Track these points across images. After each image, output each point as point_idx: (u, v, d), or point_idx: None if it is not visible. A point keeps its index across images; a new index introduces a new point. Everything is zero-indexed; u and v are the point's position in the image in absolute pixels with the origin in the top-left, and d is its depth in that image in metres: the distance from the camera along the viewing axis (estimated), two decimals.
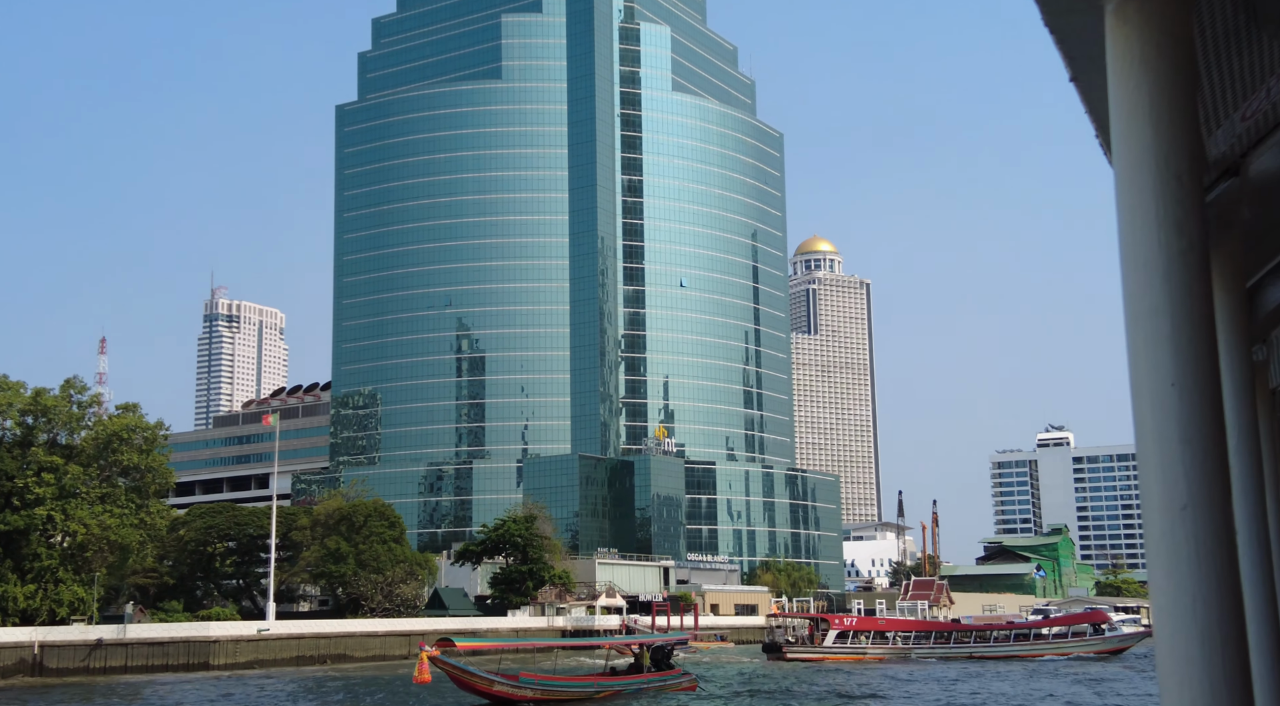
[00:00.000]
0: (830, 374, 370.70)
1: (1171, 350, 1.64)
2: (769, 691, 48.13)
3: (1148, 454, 1.66)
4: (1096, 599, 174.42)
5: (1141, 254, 1.71)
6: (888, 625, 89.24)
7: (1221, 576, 1.57)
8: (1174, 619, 1.58)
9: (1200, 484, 1.59)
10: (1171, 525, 1.60)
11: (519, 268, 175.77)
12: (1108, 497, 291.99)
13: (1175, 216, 1.68)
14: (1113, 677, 58.34)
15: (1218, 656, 1.53)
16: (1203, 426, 1.61)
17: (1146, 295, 1.70)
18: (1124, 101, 1.75)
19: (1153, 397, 1.64)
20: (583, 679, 41.84)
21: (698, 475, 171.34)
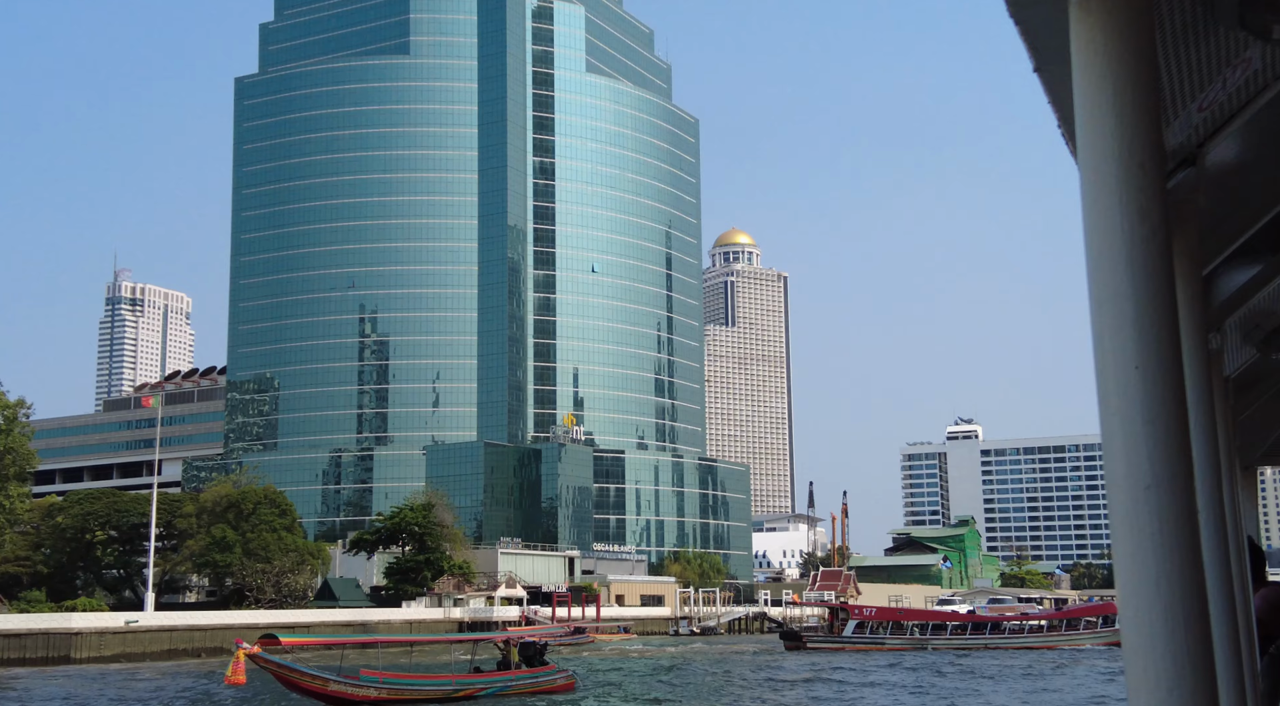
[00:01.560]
0: (747, 366, 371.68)
1: (1135, 333, 1.68)
2: (666, 689, 45.72)
3: (1112, 434, 1.70)
4: (1001, 590, 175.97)
5: (1105, 240, 1.74)
6: (906, 615, 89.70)
7: (1184, 554, 1.60)
8: (1138, 596, 1.61)
9: (1163, 464, 1.63)
10: (1135, 504, 1.64)
11: (425, 249, 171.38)
12: (1014, 490, 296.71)
13: (1139, 203, 1.72)
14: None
15: (1181, 632, 1.57)
16: (1166, 408, 1.64)
17: (1110, 280, 1.73)
18: (1088, 91, 1.79)
19: (1117, 380, 1.69)
20: (438, 676, 38.30)
21: (607, 464, 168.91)
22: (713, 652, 78.16)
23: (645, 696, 42.55)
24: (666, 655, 75.01)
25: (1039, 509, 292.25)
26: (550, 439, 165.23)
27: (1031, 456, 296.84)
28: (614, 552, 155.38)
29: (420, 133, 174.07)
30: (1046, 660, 67.91)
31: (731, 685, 46.11)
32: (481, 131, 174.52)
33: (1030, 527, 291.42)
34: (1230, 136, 2.89)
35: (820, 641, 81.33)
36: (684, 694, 42.66)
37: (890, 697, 41.93)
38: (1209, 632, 1.60)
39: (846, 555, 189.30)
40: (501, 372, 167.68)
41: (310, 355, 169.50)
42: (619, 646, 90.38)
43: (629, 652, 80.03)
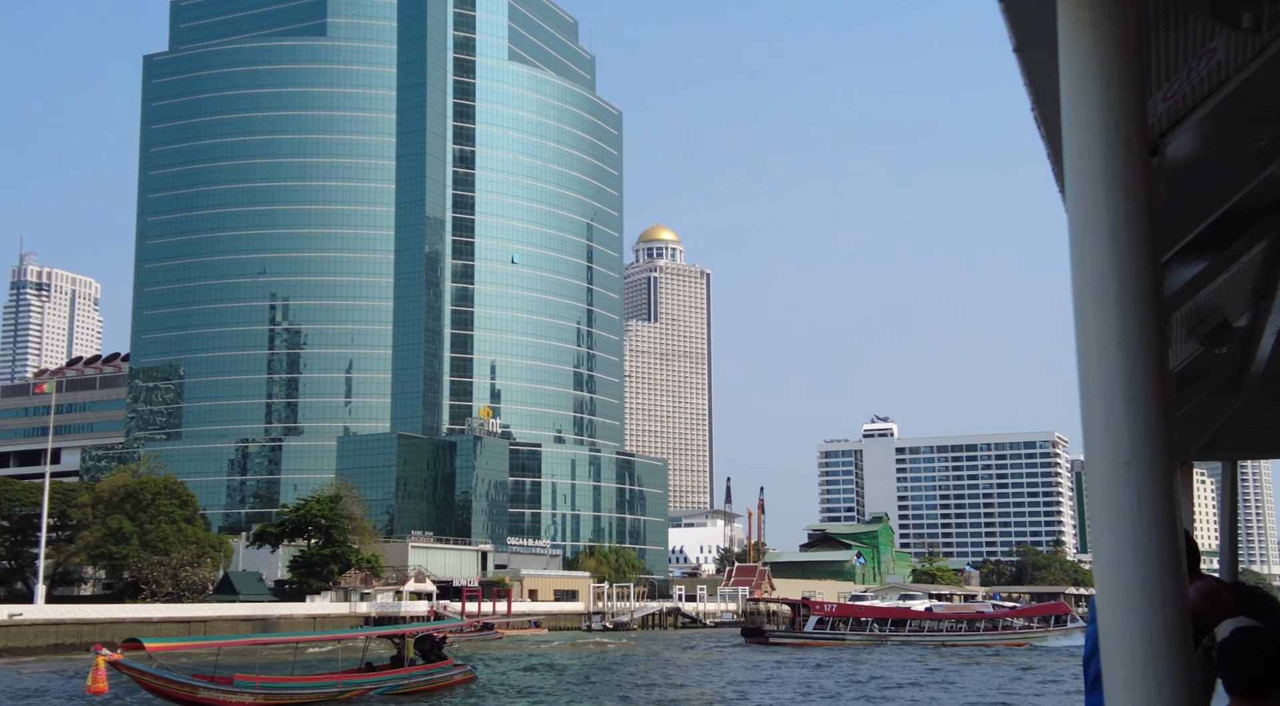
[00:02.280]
0: (668, 362, 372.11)
1: (1118, 310, 1.69)
2: (575, 682, 44.58)
3: (1093, 411, 1.71)
4: (912, 586, 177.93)
5: (1090, 216, 1.76)
6: (865, 612, 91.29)
7: (1162, 529, 1.63)
8: (1116, 570, 1.63)
9: (1143, 440, 1.64)
10: (1115, 480, 1.65)
11: (340, 237, 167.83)
12: (927, 487, 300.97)
13: (1124, 180, 1.73)
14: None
15: (1158, 604, 1.59)
16: (1146, 384, 1.66)
17: (1095, 257, 1.75)
18: (1075, 67, 1.79)
19: (1099, 356, 1.70)
20: (321, 677, 36.13)
21: (523, 458, 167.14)
22: (654, 649, 77.03)
23: (547, 690, 41.50)
24: (615, 649, 73.77)
25: (951, 506, 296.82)
26: (466, 431, 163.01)
27: (944, 455, 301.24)
28: (529, 547, 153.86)
29: (336, 117, 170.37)
30: (1018, 656, 69.13)
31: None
32: (400, 117, 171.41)
33: (942, 525, 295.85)
34: (1190, 128, 2.85)
35: (782, 637, 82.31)
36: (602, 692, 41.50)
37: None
38: (1185, 607, 1.62)
39: (762, 551, 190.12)
40: (417, 363, 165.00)
41: (218, 342, 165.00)
42: (532, 642, 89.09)
43: (553, 646, 78.68)
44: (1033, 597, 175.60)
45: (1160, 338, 1.72)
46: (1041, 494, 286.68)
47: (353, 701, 34.95)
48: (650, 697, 39.37)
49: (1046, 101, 2.32)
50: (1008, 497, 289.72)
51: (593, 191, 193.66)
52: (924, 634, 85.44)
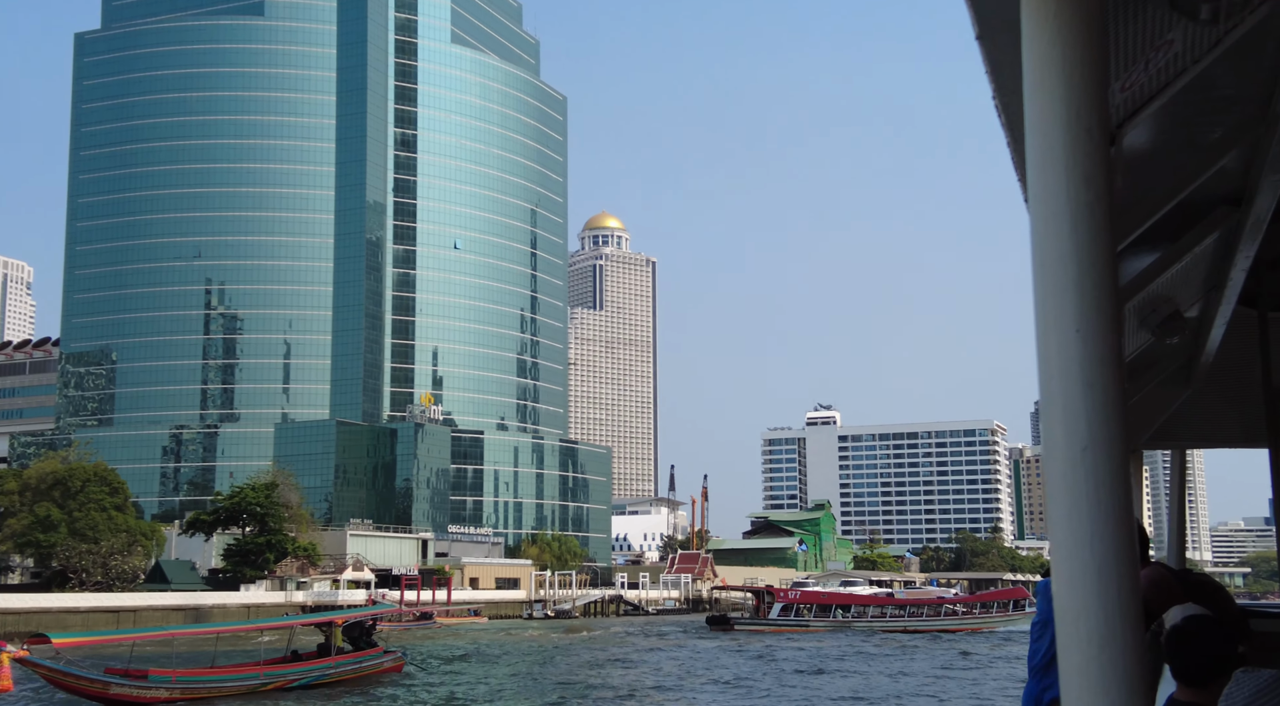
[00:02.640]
0: (614, 350, 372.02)
1: (1076, 297, 1.71)
2: (515, 672, 43.94)
3: (1052, 397, 1.72)
4: (853, 573, 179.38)
5: (1051, 204, 1.76)
6: (829, 598, 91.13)
7: (1118, 514, 1.65)
8: (1072, 555, 1.65)
9: (1100, 425, 1.66)
10: (1073, 465, 1.67)
11: (278, 220, 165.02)
12: (869, 475, 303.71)
13: (1084, 168, 1.74)
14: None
15: (1113, 590, 1.61)
16: (1104, 371, 1.68)
17: (1055, 244, 1.75)
18: (1038, 55, 1.80)
19: (1058, 342, 1.71)
20: (243, 669, 34.92)
21: (465, 445, 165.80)
22: (612, 636, 76.50)
23: (479, 678, 40.88)
24: (564, 639, 73.12)
25: (892, 494, 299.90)
26: (407, 418, 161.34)
27: (886, 443, 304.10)
28: (470, 535, 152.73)
29: (274, 98, 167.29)
30: (978, 640, 70.56)
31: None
32: (340, 99, 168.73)
33: (883, 512, 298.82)
34: (1147, 119, 2.84)
35: (747, 624, 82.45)
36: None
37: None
38: (1138, 591, 1.64)
39: (706, 538, 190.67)
40: (357, 349, 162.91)
41: (152, 327, 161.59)
42: (468, 631, 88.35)
43: (517, 635, 77.97)
44: (971, 583, 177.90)
45: (1117, 325, 1.74)
46: (980, 481, 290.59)
47: (277, 692, 33.97)
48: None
49: (1008, 90, 2.34)
50: (947, 485, 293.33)
51: (537, 177, 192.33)
52: (887, 619, 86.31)
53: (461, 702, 33.73)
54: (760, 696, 35.14)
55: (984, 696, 36.23)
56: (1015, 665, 47.63)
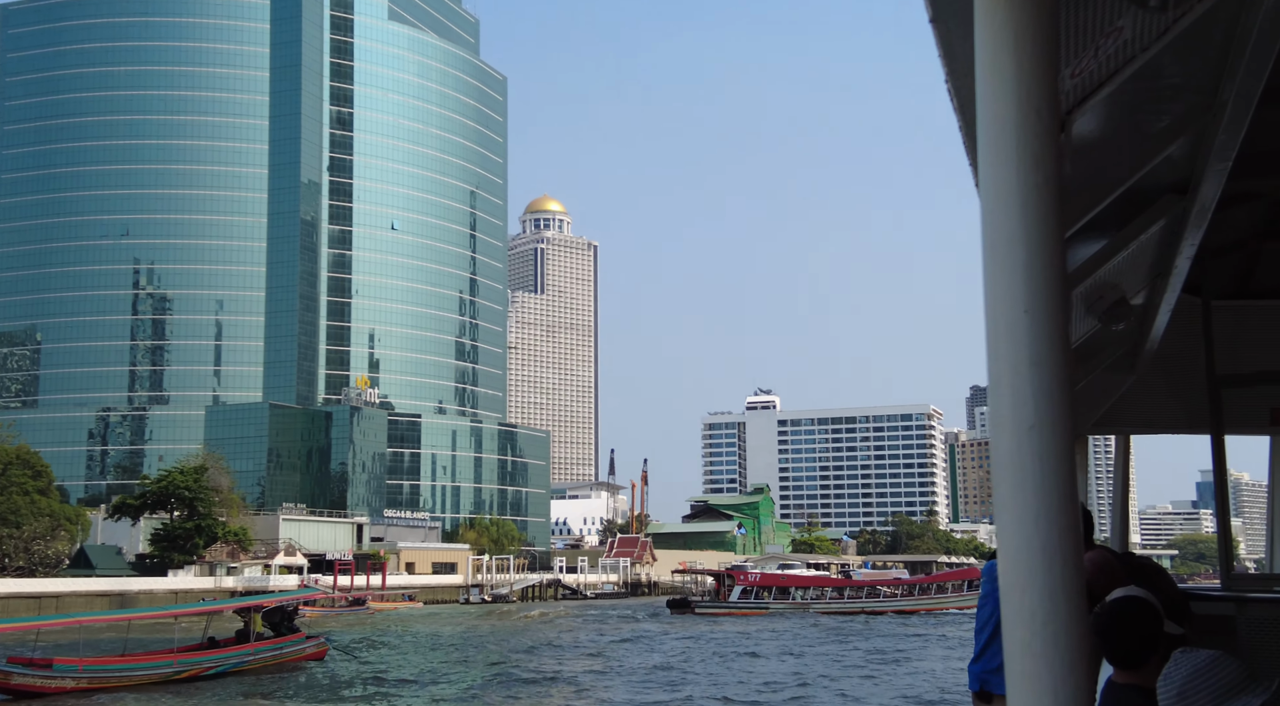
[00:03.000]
0: (555, 334, 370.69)
1: (1025, 278, 1.72)
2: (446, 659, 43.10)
3: (1000, 376, 1.74)
4: (790, 556, 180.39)
5: (1001, 185, 1.77)
6: (789, 581, 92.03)
7: (1063, 493, 1.66)
8: (1018, 533, 1.67)
9: (1046, 405, 1.68)
10: (1019, 444, 1.69)
11: (210, 198, 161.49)
12: (808, 459, 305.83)
13: (1034, 150, 1.76)
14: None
15: (1057, 567, 1.63)
16: (1051, 351, 1.70)
17: (1004, 225, 1.77)
18: (989, 37, 1.81)
19: (1007, 323, 1.73)
20: (156, 656, 33.65)
21: (402, 429, 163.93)
22: (548, 622, 75.69)
23: (405, 661, 40.07)
24: (528, 619, 72.08)
25: (830, 478, 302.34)
26: (342, 401, 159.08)
27: (825, 427, 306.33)
28: (407, 519, 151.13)
29: (205, 73, 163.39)
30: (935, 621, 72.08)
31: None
32: (274, 75, 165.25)
33: (821, 495, 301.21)
34: (1095, 106, 2.82)
35: (708, 607, 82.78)
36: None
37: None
38: (1082, 570, 1.66)
39: (645, 522, 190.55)
40: (291, 331, 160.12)
41: (77, 307, 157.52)
42: (402, 615, 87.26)
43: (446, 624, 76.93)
44: (906, 566, 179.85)
45: (1064, 307, 1.76)
46: (916, 465, 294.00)
47: (192, 680, 32.85)
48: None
49: (960, 73, 2.35)
50: (884, 469, 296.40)
51: (476, 158, 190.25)
52: (845, 601, 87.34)
53: (380, 688, 32.96)
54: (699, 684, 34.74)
55: (936, 674, 36.35)
56: (966, 646, 47.92)
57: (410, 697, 30.46)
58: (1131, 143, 3.36)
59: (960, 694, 30.90)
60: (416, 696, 30.65)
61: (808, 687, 32.58)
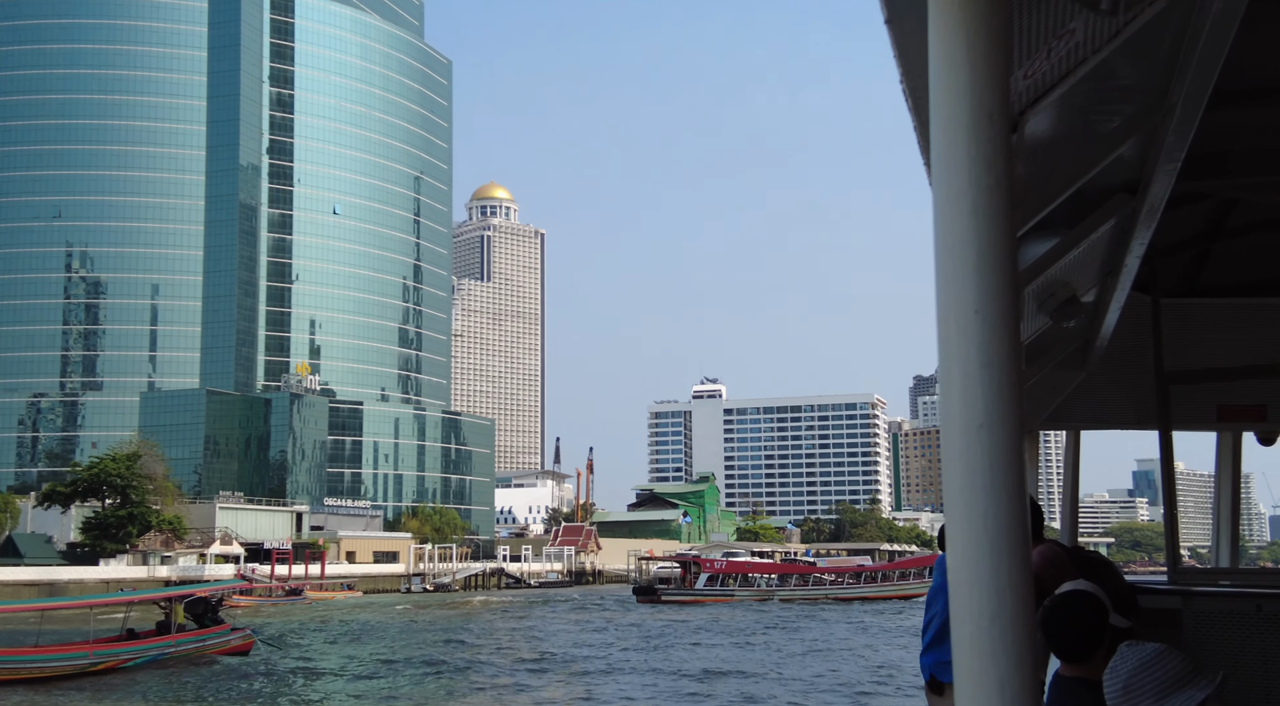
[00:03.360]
0: (501, 322, 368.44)
1: (976, 279, 1.74)
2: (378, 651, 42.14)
3: (951, 375, 1.76)
4: (735, 544, 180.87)
5: (953, 187, 1.79)
6: (753, 568, 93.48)
7: (1012, 490, 1.68)
8: (967, 531, 1.69)
9: (996, 404, 1.69)
10: (969, 443, 1.70)
11: (145, 180, 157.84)
12: (753, 448, 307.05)
13: (985, 153, 1.77)
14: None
15: (1005, 565, 1.64)
16: (1001, 351, 1.71)
17: (956, 227, 1.78)
18: (943, 40, 1.83)
19: (958, 323, 1.74)
20: (70, 648, 32.42)
21: (344, 416, 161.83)
22: (493, 610, 74.80)
23: (342, 655, 39.14)
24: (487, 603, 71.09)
25: (775, 466, 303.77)
26: (282, 388, 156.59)
27: (770, 416, 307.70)
28: (348, 508, 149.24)
29: (141, 53, 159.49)
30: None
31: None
32: (212, 55, 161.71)
33: (767, 484, 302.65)
34: (1047, 108, 2.85)
35: (674, 594, 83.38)
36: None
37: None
38: (1030, 566, 1.68)
39: (591, 511, 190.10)
40: (229, 317, 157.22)
41: (7, 290, 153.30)
42: (341, 603, 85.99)
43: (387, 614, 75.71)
44: (850, 553, 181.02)
45: (1015, 307, 1.77)
46: (860, 454, 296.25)
47: (108, 673, 31.66)
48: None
49: (915, 74, 2.34)
50: (829, 457, 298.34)
51: (421, 143, 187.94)
52: (809, 588, 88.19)
53: (304, 680, 32.00)
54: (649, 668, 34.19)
55: (890, 662, 36.27)
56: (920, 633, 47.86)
57: (334, 692, 29.54)
58: (1083, 143, 3.35)
59: (906, 678, 30.93)
60: (339, 691, 29.74)
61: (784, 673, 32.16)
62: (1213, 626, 5.48)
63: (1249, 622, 5.45)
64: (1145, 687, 2.66)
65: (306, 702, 27.91)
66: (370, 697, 28.29)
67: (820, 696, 27.75)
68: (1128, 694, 2.68)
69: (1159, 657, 2.69)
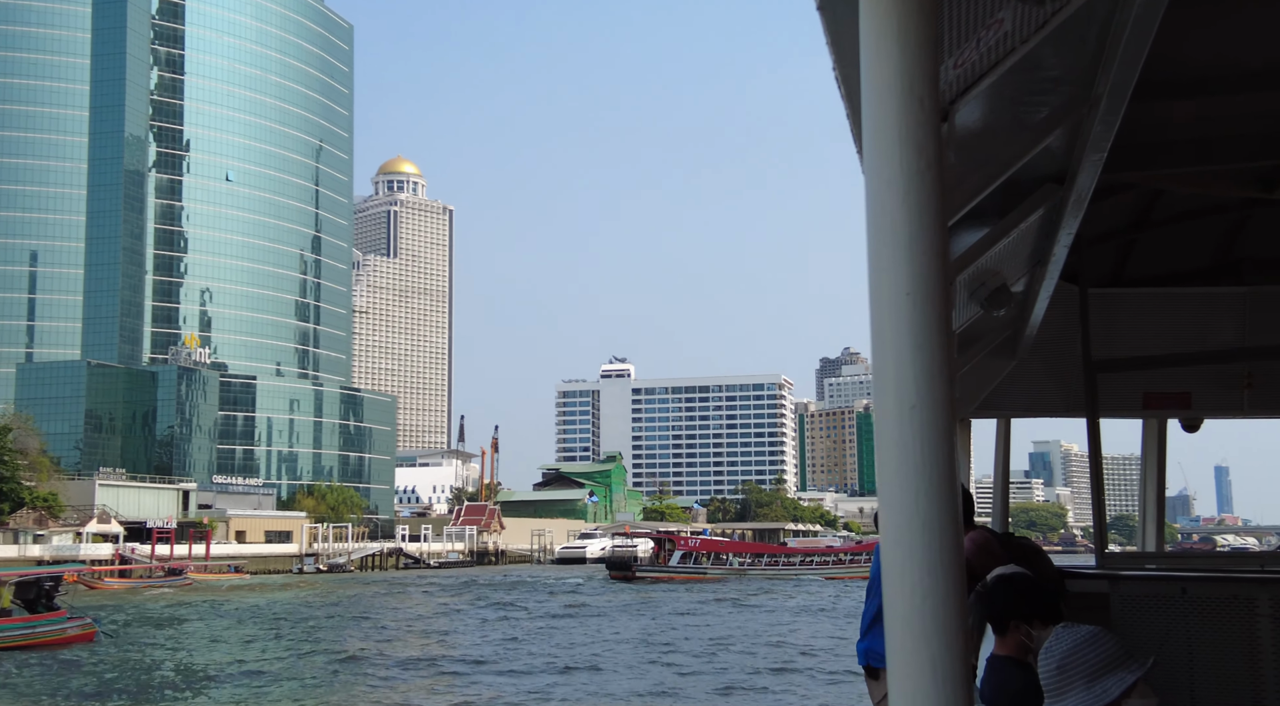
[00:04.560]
0: (407, 299, 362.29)
1: (908, 262, 1.75)
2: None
3: (883, 357, 1.77)
4: (640, 524, 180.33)
5: (884, 171, 1.80)
6: (726, 547, 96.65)
7: (942, 471, 1.70)
8: (900, 511, 1.70)
9: (927, 386, 1.71)
10: (901, 423, 1.72)
11: (23, 140, 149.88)
12: (660, 427, 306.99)
13: (917, 137, 1.78)
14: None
15: (936, 544, 1.67)
16: (933, 333, 1.73)
17: (887, 212, 1.79)
18: (874, 24, 1.85)
19: (890, 306, 1.76)
20: None
21: (236, 391, 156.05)
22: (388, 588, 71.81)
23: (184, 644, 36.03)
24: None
25: (683, 446, 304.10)
26: (170, 361, 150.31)
27: (678, 396, 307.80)
28: (240, 486, 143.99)
29: (20, 5, 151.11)
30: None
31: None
32: (96, 11, 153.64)
33: (674, 464, 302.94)
34: (977, 97, 2.88)
35: (648, 571, 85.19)
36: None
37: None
38: (961, 548, 1.70)
39: (496, 490, 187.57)
40: (113, 286, 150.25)
41: None
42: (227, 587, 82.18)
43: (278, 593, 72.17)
44: (755, 533, 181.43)
45: (946, 289, 1.79)
46: (767, 434, 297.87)
47: None
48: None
49: (847, 61, 2.35)
50: (735, 438, 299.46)
51: (321, 110, 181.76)
52: (780, 568, 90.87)
53: (134, 681, 28.52)
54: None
55: (841, 635, 35.35)
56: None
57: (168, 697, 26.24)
58: (1012, 133, 3.39)
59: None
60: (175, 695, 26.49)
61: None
62: (1139, 609, 5.52)
63: (1175, 605, 5.47)
64: (1079, 668, 2.72)
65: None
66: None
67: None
68: (1061, 674, 2.74)
69: (1093, 640, 2.76)
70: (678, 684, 26.53)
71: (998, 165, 3.51)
